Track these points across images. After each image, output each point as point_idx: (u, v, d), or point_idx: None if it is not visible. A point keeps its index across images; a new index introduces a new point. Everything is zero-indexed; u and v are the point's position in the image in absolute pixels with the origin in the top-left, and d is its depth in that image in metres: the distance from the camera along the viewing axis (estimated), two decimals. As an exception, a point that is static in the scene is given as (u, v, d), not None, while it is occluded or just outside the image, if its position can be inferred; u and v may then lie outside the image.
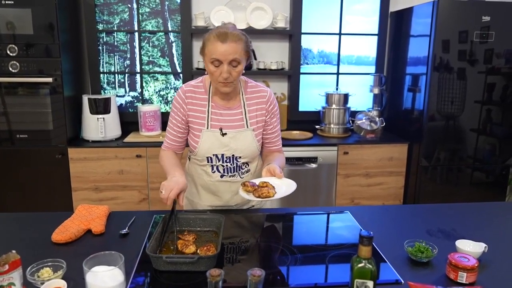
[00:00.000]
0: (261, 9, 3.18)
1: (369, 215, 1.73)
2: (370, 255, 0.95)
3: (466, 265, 1.22)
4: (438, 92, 2.89)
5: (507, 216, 1.73)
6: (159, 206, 2.97)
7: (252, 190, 1.47)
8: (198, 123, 1.62)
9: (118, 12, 3.12)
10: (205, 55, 1.52)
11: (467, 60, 2.86)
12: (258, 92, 1.67)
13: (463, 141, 3.02)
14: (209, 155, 1.63)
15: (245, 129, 1.64)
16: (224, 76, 1.49)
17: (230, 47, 1.46)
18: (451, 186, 3.10)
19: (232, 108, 1.64)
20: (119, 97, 3.28)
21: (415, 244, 1.39)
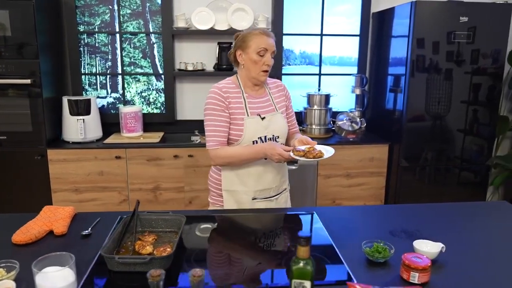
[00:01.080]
0: (242, 10, 3.18)
1: (337, 215, 1.73)
2: (308, 255, 0.95)
3: (418, 265, 1.22)
4: (418, 93, 2.90)
5: (476, 216, 1.73)
6: (140, 208, 2.96)
7: (303, 154, 1.64)
8: (239, 113, 1.80)
9: (99, 14, 3.12)
10: (250, 47, 1.76)
11: (447, 60, 2.86)
12: (275, 83, 1.98)
13: (449, 141, 3.02)
14: (254, 139, 1.81)
15: (276, 112, 1.88)
16: (269, 63, 1.78)
17: (272, 40, 1.80)
18: (438, 186, 3.10)
19: (262, 96, 1.88)
20: (101, 98, 3.29)
21: (373, 244, 1.40)
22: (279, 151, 1.66)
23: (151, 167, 2.92)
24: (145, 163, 2.91)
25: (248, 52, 1.77)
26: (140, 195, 2.96)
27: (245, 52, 1.78)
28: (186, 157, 2.92)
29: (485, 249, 1.44)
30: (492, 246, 1.46)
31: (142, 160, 2.90)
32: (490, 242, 1.49)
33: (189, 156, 2.92)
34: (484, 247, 1.45)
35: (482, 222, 1.67)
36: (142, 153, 2.90)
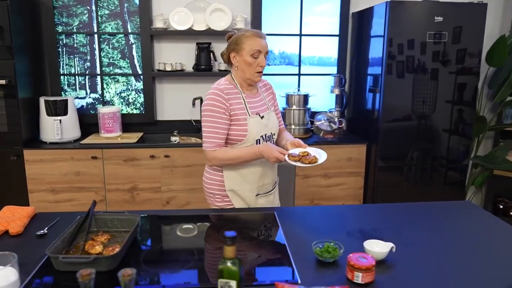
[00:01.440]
0: (221, 11, 3.19)
1: (299, 216, 1.73)
2: (234, 255, 0.95)
3: (362, 265, 1.22)
4: (393, 93, 2.90)
5: (437, 216, 1.73)
6: (117, 208, 2.98)
7: (298, 159, 1.69)
8: (241, 114, 1.82)
9: (77, 14, 3.13)
10: (243, 49, 1.79)
11: (423, 60, 2.86)
12: (263, 81, 2.03)
13: (427, 141, 3.02)
14: (258, 138, 1.86)
15: (269, 111, 1.95)
16: (263, 65, 1.81)
17: (265, 42, 1.82)
18: (417, 186, 3.10)
19: (256, 96, 1.93)
20: (80, 99, 3.29)
21: (325, 244, 1.40)
22: (276, 154, 1.71)
23: (127, 167, 2.92)
24: (122, 163, 2.92)
25: (242, 55, 1.79)
26: (117, 196, 2.96)
27: (239, 54, 1.81)
28: (163, 157, 2.92)
29: (438, 249, 1.44)
30: (447, 246, 1.46)
31: (119, 160, 2.91)
32: (445, 242, 1.49)
33: (166, 157, 2.92)
34: (438, 247, 1.45)
35: (442, 222, 1.67)
36: (118, 154, 2.90)
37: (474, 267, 1.32)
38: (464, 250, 1.43)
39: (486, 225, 1.65)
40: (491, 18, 3.51)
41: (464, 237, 1.53)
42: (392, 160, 3.03)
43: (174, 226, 1.63)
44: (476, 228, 1.61)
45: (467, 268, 1.31)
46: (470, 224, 1.66)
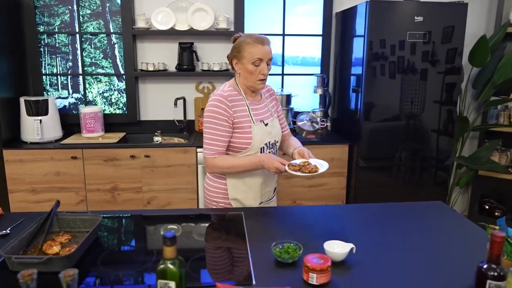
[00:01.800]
0: (203, 10, 3.18)
1: (267, 216, 1.72)
2: (173, 255, 0.94)
3: (317, 266, 1.21)
4: (375, 93, 2.89)
5: (407, 216, 1.72)
6: (98, 208, 2.97)
7: (299, 169, 1.67)
8: (245, 121, 1.78)
9: (58, 14, 3.12)
10: (244, 57, 1.73)
11: (403, 60, 2.86)
12: (266, 87, 1.98)
13: (409, 141, 3.01)
14: (262, 146, 1.82)
15: (273, 117, 1.91)
16: (265, 72, 1.75)
17: (268, 48, 1.75)
18: (399, 186, 3.09)
19: (260, 103, 1.88)
20: (62, 98, 3.28)
21: (285, 245, 1.39)
22: (277, 164, 1.67)
23: (108, 167, 2.91)
24: (102, 163, 2.91)
25: (243, 62, 1.74)
26: (97, 196, 2.95)
27: (240, 62, 1.75)
28: (143, 157, 2.91)
29: (400, 250, 1.43)
30: (410, 247, 1.45)
31: (99, 160, 2.90)
32: (409, 243, 1.48)
33: (146, 157, 2.91)
34: (400, 248, 1.44)
35: (410, 223, 1.66)
36: (98, 154, 2.89)
37: (434, 269, 1.31)
38: (426, 251, 1.42)
39: (453, 226, 1.64)
40: (473, 18, 3.50)
41: (428, 238, 1.52)
42: (374, 160, 3.02)
43: (140, 225, 1.62)
44: (442, 229, 1.61)
45: (426, 270, 1.30)
46: (438, 225, 1.65)
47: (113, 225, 1.63)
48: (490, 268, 0.97)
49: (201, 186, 3.01)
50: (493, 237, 0.96)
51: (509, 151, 3.54)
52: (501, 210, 3.61)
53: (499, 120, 3.42)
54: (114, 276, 1.24)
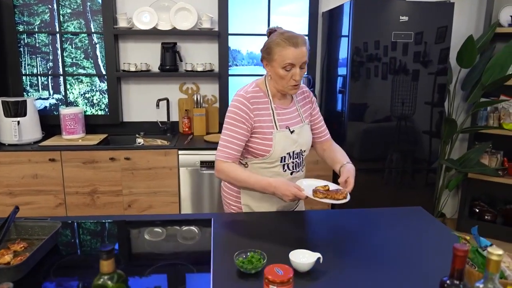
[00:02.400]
0: (186, 10, 3.12)
1: (238, 222, 1.66)
2: (111, 269, 0.88)
3: (276, 278, 1.14)
4: (359, 94, 2.83)
5: (383, 224, 1.66)
6: (77, 211, 2.90)
7: (326, 196, 1.47)
8: (267, 127, 1.65)
9: (38, 13, 3.06)
10: (274, 60, 1.56)
11: (388, 61, 2.79)
12: (301, 88, 1.79)
13: (395, 143, 2.95)
14: (283, 155, 1.68)
15: (303, 123, 1.74)
16: (297, 79, 1.57)
17: (301, 50, 1.54)
18: (384, 189, 3.02)
19: (288, 106, 1.72)
20: (43, 99, 3.22)
21: (249, 254, 1.33)
22: (294, 191, 1.46)
23: (87, 170, 2.85)
24: (81, 166, 2.84)
25: (273, 65, 1.57)
26: (77, 199, 2.89)
27: (270, 64, 1.59)
28: (123, 159, 2.85)
29: (372, 259, 1.36)
30: (382, 256, 1.39)
31: (78, 162, 2.83)
32: (382, 252, 1.42)
33: (126, 159, 2.84)
34: (372, 257, 1.38)
35: (386, 230, 1.60)
36: (77, 156, 2.83)
37: (402, 280, 1.25)
38: (397, 261, 1.36)
39: (429, 234, 1.58)
40: (463, 18, 3.45)
41: (402, 247, 1.46)
42: (359, 162, 2.96)
43: (103, 232, 1.56)
44: (417, 238, 1.54)
45: (394, 281, 1.24)
46: (413, 232, 1.59)
47: (77, 231, 1.57)
48: (452, 284, 0.91)
49: (183, 189, 2.95)
50: (455, 251, 0.90)
51: (499, 154, 3.48)
52: (491, 213, 3.55)
53: (488, 122, 3.36)
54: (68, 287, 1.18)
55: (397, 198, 3.05)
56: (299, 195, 1.46)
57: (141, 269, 1.29)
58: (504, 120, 3.30)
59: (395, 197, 3.05)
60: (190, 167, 2.91)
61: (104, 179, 2.88)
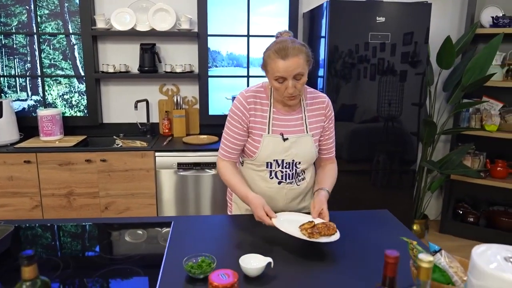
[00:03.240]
0: (164, 11, 3.10)
1: (201, 226, 1.64)
2: (32, 275, 0.86)
3: (220, 283, 1.12)
4: (335, 95, 2.81)
5: (346, 227, 1.63)
6: (54, 213, 2.88)
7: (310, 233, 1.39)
8: (259, 128, 1.62)
9: (15, 14, 3.04)
10: (268, 72, 1.53)
11: (364, 62, 2.78)
12: (318, 98, 1.70)
13: (370, 145, 2.93)
14: (269, 160, 1.64)
15: (305, 134, 1.65)
16: (290, 92, 1.50)
17: (292, 62, 1.45)
18: (361, 191, 3.01)
19: (293, 113, 1.65)
20: (21, 101, 3.20)
21: (199, 258, 1.31)
22: (260, 214, 1.46)
23: (63, 172, 2.83)
24: (57, 167, 2.82)
25: (268, 77, 1.54)
26: (53, 201, 2.87)
27: (267, 75, 1.55)
28: (99, 161, 2.82)
29: (325, 262, 1.34)
30: (337, 259, 1.37)
31: (54, 164, 2.81)
32: (337, 255, 1.39)
33: (102, 161, 2.82)
34: (326, 260, 1.36)
35: (345, 234, 1.57)
36: (53, 158, 2.81)
37: (352, 281, 1.23)
38: (351, 263, 1.34)
39: (388, 238, 1.56)
40: (445, 19, 3.43)
41: (357, 251, 1.44)
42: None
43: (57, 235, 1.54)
44: (375, 241, 1.52)
45: (345, 283, 1.22)
46: (373, 235, 1.57)
47: (37, 234, 1.55)
48: (383, 291, 0.89)
49: (160, 191, 2.93)
50: (386, 258, 0.88)
51: (482, 155, 3.45)
52: (474, 215, 3.53)
53: (470, 124, 3.34)
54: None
55: (383, 199, 3.02)
56: (264, 221, 1.45)
57: (89, 273, 1.27)
58: (486, 122, 3.28)
59: (381, 199, 3.02)
60: (167, 168, 2.89)
61: (80, 181, 2.86)
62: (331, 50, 2.74)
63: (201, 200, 2.97)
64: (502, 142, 3.39)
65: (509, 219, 3.38)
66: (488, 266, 0.90)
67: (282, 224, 1.44)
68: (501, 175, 3.33)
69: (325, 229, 1.41)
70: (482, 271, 0.90)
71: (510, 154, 3.45)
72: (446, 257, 1.19)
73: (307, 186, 1.75)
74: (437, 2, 3.37)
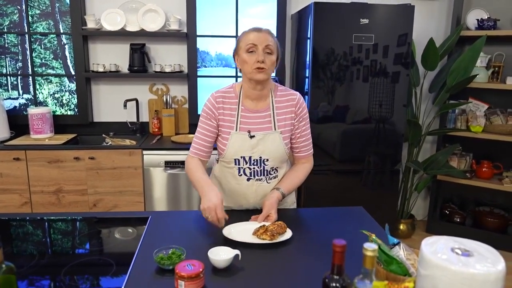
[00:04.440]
0: (154, 11, 3.15)
1: (177, 220, 1.68)
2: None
3: (185, 273, 1.17)
4: (320, 96, 2.85)
5: (319, 222, 1.68)
6: (43, 210, 2.93)
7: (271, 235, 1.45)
8: (227, 126, 1.67)
9: (7, 14, 3.09)
10: (240, 48, 1.60)
11: (349, 63, 2.82)
12: (288, 95, 1.72)
13: (356, 145, 2.97)
14: (236, 157, 1.68)
15: (273, 131, 1.68)
16: (260, 59, 1.55)
17: (264, 34, 1.58)
18: (347, 191, 3.04)
19: (261, 111, 1.68)
20: (13, 99, 3.25)
21: (170, 250, 1.35)
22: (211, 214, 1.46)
23: (52, 169, 2.87)
24: (46, 165, 2.87)
25: (240, 54, 1.61)
26: (42, 198, 2.91)
27: (238, 55, 1.63)
28: (87, 159, 2.87)
29: (291, 256, 1.38)
30: (303, 252, 1.41)
31: (43, 162, 2.86)
32: (304, 249, 1.44)
33: (90, 159, 2.87)
34: (293, 254, 1.40)
35: (316, 229, 1.61)
36: (42, 155, 2.86)
37: (318, 274, 1.27)
38: (316, 256, 1.38)
39: (357, 232, 1.59)
40: (429, 21, 3.47)
41: (326, 244, 1.48)
42: (318, 164, 2.98)
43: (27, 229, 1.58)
44: (345, 234, 1.56)
45: (309, 275, 1.26)
46: (343, 230, 1.61)
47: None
48: (332, 279, 0.93)
49: (148, 189, 2.97)
50: (334, 246, 0.92)
51: (469, 156, 3.49)
52: (460, 215, 3.57)
53: (456, 125, 3.38)
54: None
55: (371, 199, 3.06)
56: (214, 223, 1.48)
57: (62, 263, 1.31)
58: (471, 123, 3.32)
59: (369, 198, 3.06)
60: (155, 167, 2.94)
61: (69, 179, 2.90)
62: (315, 51, 2.79)
63: (190, 197, 3.01)
64: (487, 143, 3.43)
65: (494, 219, 3.42)
66: (435, 256, 0.94)
67: (236, 236, 1.48)
68: (487, 175, 3.37)
69: (279, 229, 1.48)
70: (429, 261, 0.94)
71: (495, 155, 3.49)
72: (404, 250, 1.23)
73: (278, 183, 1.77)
74: (424, 4, 3.41)
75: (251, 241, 1.45)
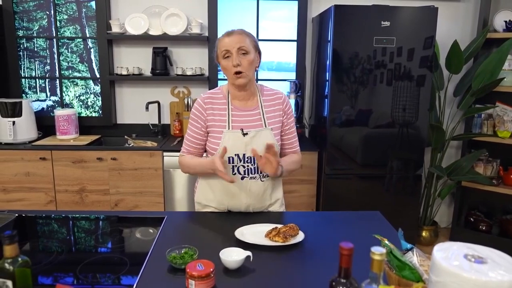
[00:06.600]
0: (176, 16, 3.20)
1: (191, 220, 1.70)
2: (13, 254, 0.94)
3: (196, 273, 1.18)
4: (341, 99, 2.83)
5: (333, 226, 1.66)
6: (67, 209, 3.01)
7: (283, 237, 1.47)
8: (219, 126, 1.70)
9: (37, 19, 3.21)
10: (218, 56, 1.67)
11: (371, 66, 2.78)
12: (274, 94, 1.80)
13: (378, 150, 2.93)
14: (231, 155, 1.69)
15: (264, 128, 1.73)
16: (234, 63, 1.60)
17: (235, 37, 1.61)
18: (367, 195, 3.00)
19: (251, 109, 1.74)
20: (41, 101, 3.37)
21: (183, 250, 1.37)
22: (216, 166, 1.54)
23: (76, 169, 2.96)
24: (71, 165, 2.96)
25: (219, 61, 1.68)
26: (66, 197, 3.00)
27: (218, 62, 1.69)
28: (110, 160, 2.94)
29: (305, 259, 1.38)
30: (315, 256, 1.40)
31: (67, 162, 2.95)
32: (317, 252, 1.43)
33: (112, 159, 2.94)
34: (306, 257, 1.39)
35: (330, 232, 1.60)
36: (67, 155, 2.95)
37: (326, 276, 1.26)
38: (329, 260, 1.37)
39: (370, 236, 1.57)
40: (455, 23, 3.39)
41: (338, 247, 1.46)
42: (339, 168, 2.95)
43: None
44: (359, 239, 1.53)
45: (321, 279, 1.25)
46: (358, 235, 1.59)
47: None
48: (339, 283, 0.92)
49: (168, 190, 3.02)
50: (341, 249, 0.91)
51: (496, 162, 3.38)
52: (486, 223, 3.45)
53: (482, 130, 3.28)
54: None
55: (393, 204, 3.01)
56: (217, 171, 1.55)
57: (79, 258, 1.35)
58: (498, 128, 3.21)
59: (391, 204, 3.01)
60: (174, 168, 2.98)
61: (92, 178, 2.98)
62: (336, 54, 2.77)
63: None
64: (516, 149, 3.31)
65: (522, 228, 3.29)
66: (447, 262, 0.91)
67: (248, 238, 1.49)
68: (514, 182, 3.25)
69: (291, 231, 1.48)
70: (440, 267, 0.91)
71: (524, 162, 3.36)
72: (418, 256, 1.21)
73: (272, 182, 1.80)
74: (448, 6, 3.34)
75: (263, 243, 1.45)
